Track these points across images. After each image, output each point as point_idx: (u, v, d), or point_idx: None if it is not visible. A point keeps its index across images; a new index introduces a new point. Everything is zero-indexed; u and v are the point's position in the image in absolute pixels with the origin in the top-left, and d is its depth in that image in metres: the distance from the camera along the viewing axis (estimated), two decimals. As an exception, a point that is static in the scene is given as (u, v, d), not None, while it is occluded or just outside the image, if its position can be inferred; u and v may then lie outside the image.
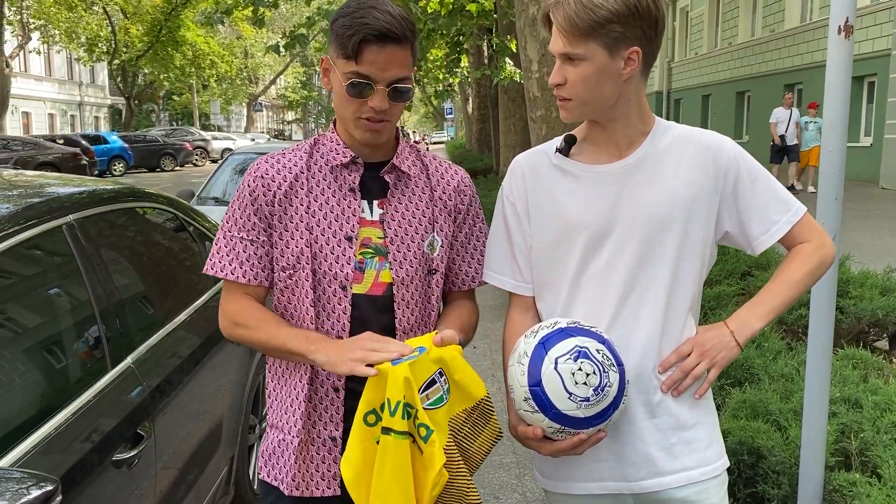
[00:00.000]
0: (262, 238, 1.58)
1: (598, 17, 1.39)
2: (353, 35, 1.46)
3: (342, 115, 1.56)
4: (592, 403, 1.36)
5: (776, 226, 1.52)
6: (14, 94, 31.82)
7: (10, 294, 1.89)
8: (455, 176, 1.70)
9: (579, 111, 1.49)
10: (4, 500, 1.34)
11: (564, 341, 1.39)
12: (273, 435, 1.65)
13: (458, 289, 1.72)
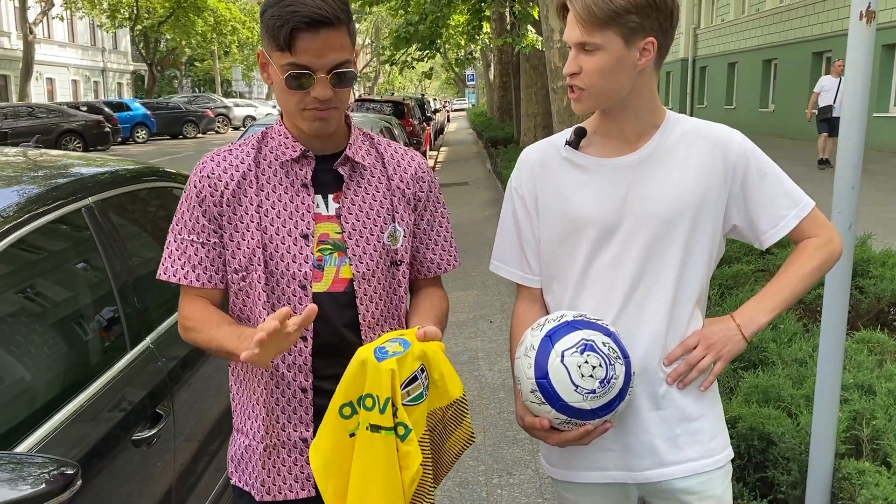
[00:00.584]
0: (213, 240, 1.53)
1: (616, 7, 1.38)
2: (283, 25, 1.39)
3: (286, 109, 1.50)
4: (598, 395, 1.38)
5: (784, 220, 1.52)
6: (38, 61, 31.99)
7: (32, 278, 1.93)
8: (412, 162, 1.65)
9: (593, 102, 1.48)
10: (27, 485, 1.39)
11: (571, 334, 1.41)
12: (239, 440, 1.62)
13: (424, 276, 1.69)
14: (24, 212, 1.94)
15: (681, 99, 30.06)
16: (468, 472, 3.45)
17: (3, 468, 1.40)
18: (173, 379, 2.29)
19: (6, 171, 2.32)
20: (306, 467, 1.56)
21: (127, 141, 26.51)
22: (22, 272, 1.89)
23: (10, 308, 1.79)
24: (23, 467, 1.42)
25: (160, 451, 2.12)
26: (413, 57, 15.40)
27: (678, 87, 30.30)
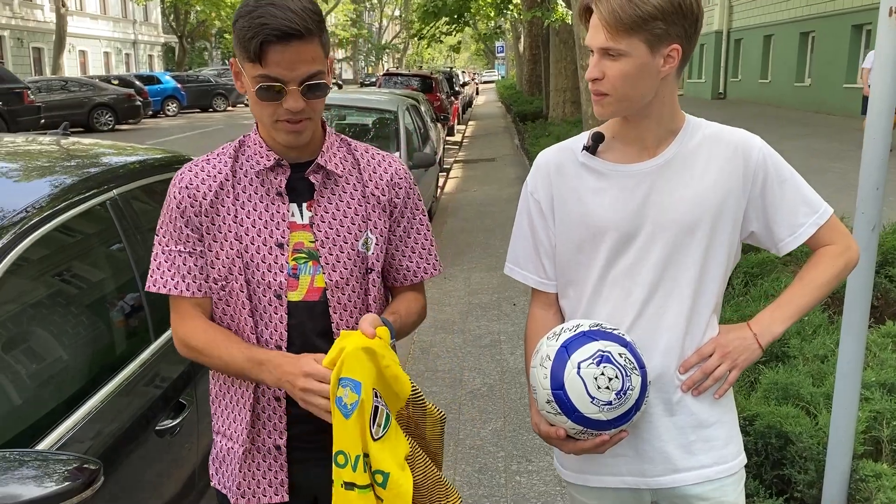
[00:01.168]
0: (199, 249, 1.54)
1: (642, 13, 1.36)
2: (254, 38, 1.37)
3: (260, 119, 1.49)
4: (615, 407, 1.39)
5: (802, 228, 1.51)
6: (70, 33, 32.29)
7: (57, 272, 1.98)
8: (389, 168, 1.63)
9: (615, 107, 1.47)
10: (52, 482, 1.43)
11: (587, 345, 1.41)
12: (221, 442, 1.65)
13: (402, 284, 1.68)
14: (48, 207, 1.98)
15: (714, 72, 29.51)
16: (487, 457, 3.49)
17: (30, 465, 1.45)
18: (196, 369, 2.34)
19: (36, 162, 2.36)
20: (280, 473, 1.59)
21: (158, 114, 26.73)
22: (47, 267, 1.94)
23: (39, 301, 1.84)
24: (48, 464, 1.47)
25: (183, 440, 2.17)
26: (441, 31, 15.28)
27: (711, 60, 29.72)
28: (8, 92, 17.36)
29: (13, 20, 32.49)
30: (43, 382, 1.77)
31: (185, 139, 18.89)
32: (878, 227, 2.03)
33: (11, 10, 32.45)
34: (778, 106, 22.93)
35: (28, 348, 1.78)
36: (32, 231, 1.86)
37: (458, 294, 6.02)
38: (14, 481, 1.41)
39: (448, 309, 5.64)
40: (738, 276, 3.98)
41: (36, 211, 1.93)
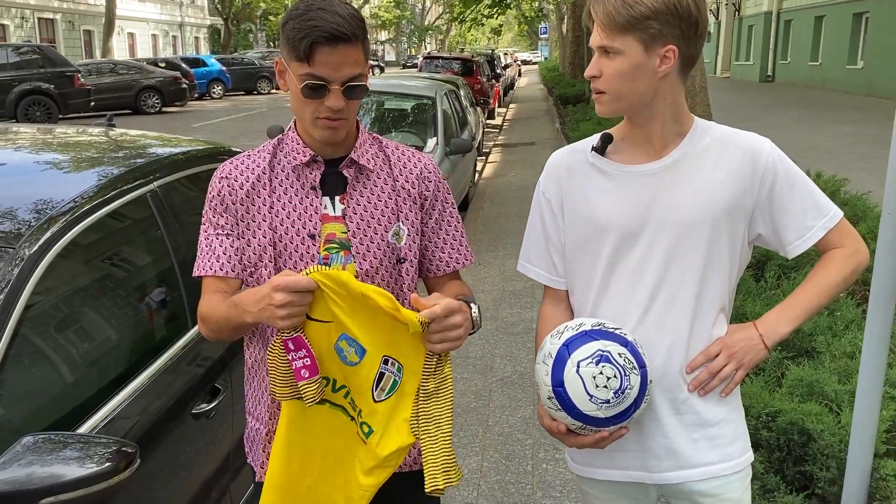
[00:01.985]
0: (236, 231, 1.62)
1: (635, 13, 1.40)
2: (304, 38, 1.47)
3: (300, 116, 1.58)
4: (613, 405, 1.43)
5: (811, 231, 1.52)
6: (119, 16, 32.86)
7: (101, 262, 2.08)
8: (418, 163, 1.71)
9: (614, 105, 1.50)
10: (93, 463, 1.53)
11: (587, 345, 1.45)
12: (251, 423, 1.76)
13: (436, 275, 1.74)
14: (96, 197, 2.08)
15: (762, 55, 28.85)
16: (515, 445, 3.55)
17: (73, 447, 1.55)
18: (232, 354, 2.43)
19: (83, 153, 2.47)
20: None
21: (203, 97, 27.15)
22: (93, 254, 2.04)
23: (84, 287, 1.95)
24: (90, 447, 1.57)
25: (218, 424, 2.27)
26: (483, 14, 15.21)
27: (760, 42, 29.05)
28: (60, 75, 17.81)
29: (65, 3, 33.23)
30: (89, 363, 1.87)
31: (230, 122, 19.18)
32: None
33: (63, -6, 33.19)
34: (828, 89, 22.36)
35: (73, 331, 1.88)
36: (81, 220, 1.97)
37: (492, 280, 6.06)
38: (58, 462, 1.51)
39: (481, 296, 5.70)
40: (771, 270, 3.95)
41: (84, 200, 2.03)
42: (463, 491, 3.18)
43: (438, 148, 7.06)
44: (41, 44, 22.67)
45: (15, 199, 1.99)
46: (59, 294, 1.86)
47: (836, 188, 5.75)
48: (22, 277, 1.73)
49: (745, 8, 31.62)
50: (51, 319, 1.81)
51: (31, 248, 1.79)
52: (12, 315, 1.68)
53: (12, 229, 1.83)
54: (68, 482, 1.49)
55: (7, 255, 1.75)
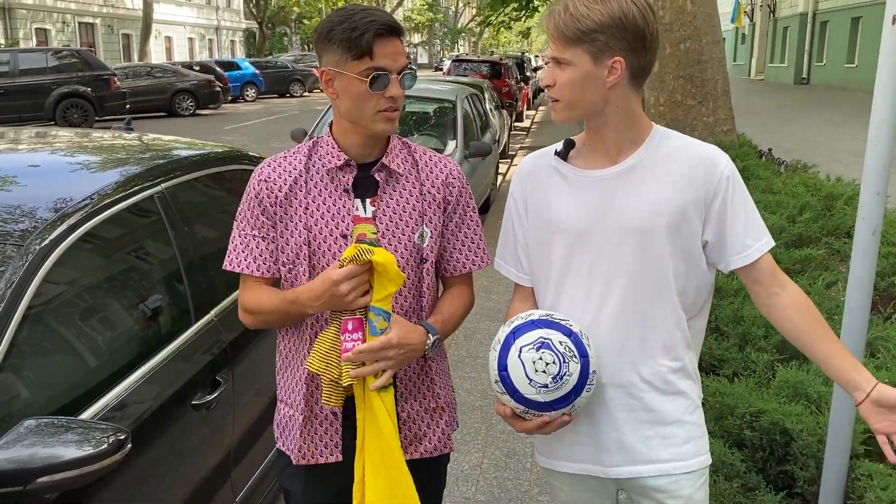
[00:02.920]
0: (271, 234, 1.74)
1: (583, 27, 1.49)
2: (365, 33, 1.58)
3: (359, 115, 1.66)
4: (551, 390, 1.50)
5: (749, 250, 1.59)
6: (157, 20, 33.58)
7: (113, 256, 2.21)
8: (444, 169, 1.81)
9: (567, 113, 1.58)
10: (90, 446, 1.66)
11: (531, 332, 1.53)
12: (284, 410, 1.85)
13: (451, 274, 1.84)
14: (113, 194, 2.21)
15: (797, 56, 28.47)
16: (517, 443, 3.62)
17: (74, 431, 1.68)
18: (234, 350, 2.55)
19: (96, 156, 2.61)
20: (335, 436, 1.78)
21: (237, 100, 27.57)
22: (98, 256, 2.17)
23: (90, 284, 2.07)
24: (89, 432, 1.69)
25: (218, 416, 2.39)
26: (510, 17, 15.28)
27: (795, 43, 28.66)
28: (96, 78, 18.24)
29: (104, 8, 34.01)
30: (93, 353, 2.00)
31: (261, 124, 19.47)
32: (877, 231, 2.06)
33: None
34: (865, 92, 21.98)
35: (79, 322, 2.01)
36: (91, 217, 2.09)
37: (507, 283, 6.13)
38: (59, 444, 1.63)
39: (495, 297, 5.77)
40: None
41: (96, 199, 2.16)
42: (462, 486, 3.26)
43: (458, 151, 7.15)
44: (80, 48, 23.22)
45: (29, 198, 2.13)
46: (65, 286, 1.98)
47: (855, 192, 5.72)
48: (31, 270, 1.86)
49: (781, 9, 31.24)
50: (57, 310, 1.94)
51: (41, 242, 1.92)
52: (20, 305, 1.80)
53: (29, 226, 1.97)
54: (66, 462, 1.61)
55: (19, 249, 1.88)
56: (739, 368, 2.91)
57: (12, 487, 1.58)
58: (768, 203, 5.31)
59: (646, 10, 1.53)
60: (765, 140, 9.86)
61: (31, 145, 2.82)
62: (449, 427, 1.88)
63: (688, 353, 1.68)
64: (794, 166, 7.30)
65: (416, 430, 1.82)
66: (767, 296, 1.62)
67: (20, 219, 2.03)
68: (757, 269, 1.61)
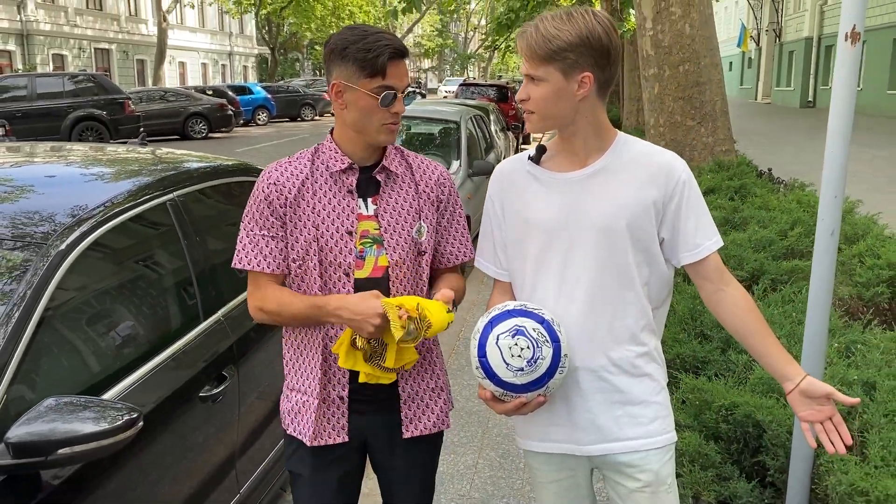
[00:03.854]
0: (280, 233, 1.89)
1: (553, 46, 1.65)
2: (380, 56, 1.77)
3: (365, 126, 1.84)
4: (526, 373, 1.65)
5: (699, 248, 1.76)
6: (171, 46, 34.20)
7: (127, 257, 2.38)
8: (435, 171, 2.00)
9: (542, 123, 1.75)
10: (106, 422, 1.82)
11: (507, 321, 1.68)
12: (295, 397, 1.99)
13: (444, 266, 2.02)
14: (126, 202, 2.39)
15: (803, 80, 28.67)
16: (511, 445, 3.76)
17: (91, 409, 1.84)
18: (239, 347, 2.71)
19: (110, 168, 2.80)
20: (342, 419, 1.95)
21: (249, 123, 27.97)
22: (116, 257, 2.34)
23: (108, 284, 2.25)
24: (105, 410, 1.85)
25: (224, 409, 2.55)
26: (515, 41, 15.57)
27: (801, 67, 28.88)
28: (111, 102, 18.64)
29: (120, 34, 34.69)
30: (107, 348, 2.17)
31: (272, 147, 19.78)
32: (836, 232, 2.21)
33: (119, 26, 34.67)
34: (870, 115, 22.14)
35: (95, 320, 2.18)
36: (106, 222, 2.27)
37: (509, 297, 6.30)
38: (77, 420, 1.80)
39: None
40: (764, 281, 4.11)
41: (111, 206, 2.34)
42: (457, 483, 3.40)
43: (461, 169, 7.35)
44: (95, 72, 23.69)
45: (48, 205, 2.31)
46: (82, 285, 2.15)
47: (848, 209, 5.85)
48: (50, 270, 2.03)
49: (786, 34, 31.52)
50: (75, 306, 2.11)
51: (59, 245, 2.10)
52: (40, 302, 1.97)
53: (48, 230, 2.15)
54: (84, 436, 1.77)
55: (39, 251, 2.06)
56: (721, 370, 3.05)
57: (36, 458, 1.74)
58: (762, 218, 5.45)
59: (609, 28, 1.70)
60: (768, 161, 10.00)
61: (49, 158, 3.01)
62: (447, 405, 2.05)
63: (652, 340, 1.83)
64: (792, 185, 7.44)
65: (416, 409, 1.99)
66: (714, 291, 1.79)
67: (40, 223, 2.21)
68: (705, 266, 1.77)
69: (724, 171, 7.21)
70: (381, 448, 2.02)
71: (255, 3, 35.61)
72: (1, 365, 1.83)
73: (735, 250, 4.47)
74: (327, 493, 1.99)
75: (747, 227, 5.18)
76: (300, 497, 2.03)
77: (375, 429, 1.98)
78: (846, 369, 2.68)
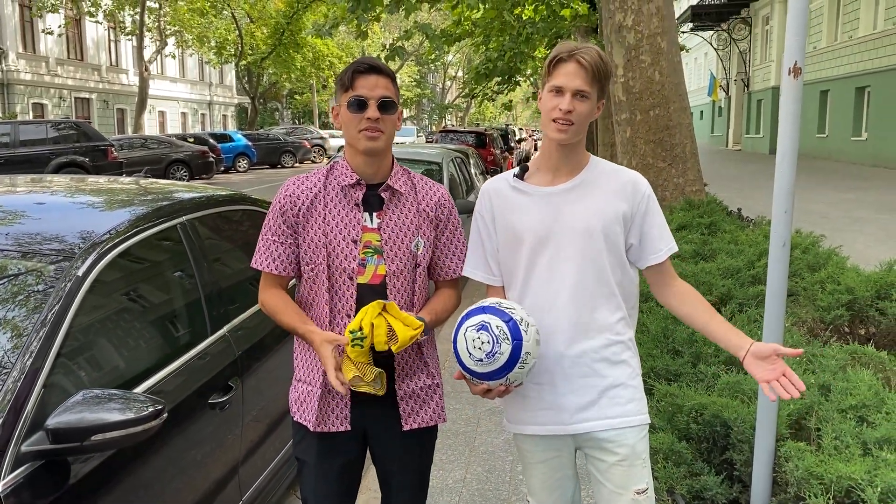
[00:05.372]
0: (289, 240, 2.14)
1: (605, 71, 1.95)
2: (347, 71, 2.07)
3: (350, 135, 2.08)
4: (485, 364, 1.87)
5: (660, 252, 2.04)
6: (152, 95, 34.58)
7: (138, 275, 2.58)
8: (437, 193, 2.22)
9: (573, 136, 1.98)
10: (132, 412, 2.00)
11: (476, 316, 1.91)
12: (301, 387, 2.21)
13: (442, 279, 2.26)
14: (132, 227, 2.59)
15: (772, 127, 29.55)
16: (497, 461, 3.93)
17: (117, 401, 2.02)
18: (243, 360, 2.90)
19: (120, 196, 3.01)
20: (344, 409, 2.16)
21: (229, 170, 28.18)
22: (129, 273, 2.54)
23: (120, 300, 2.44)
24: (130, 402, 2.04)
25: (230, 416, 2.72)
26: (493, 90, 16.05)
27: (769, 115, 29.81)
28: (94, 149, 18.81)
29: (101, 84, 35.01)
30: (125, 359, 2.35)
31: (252, 193, 19.97)
32: (787, 243, 2.47)
33: (100, 75, 35.01)
34: (835, 160, 22.89)
35: (115, 332, 2.37)
36: (117, 246, 2.46)
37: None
38: (104, 410, 1.98)
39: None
40: (732, 305, 4.37)
41: (126, 228, 2.54)
42: (446, 497, 3.56)
43: (443, 209, 7.60)
44: (78, 120, 23.89)
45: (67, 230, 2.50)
46: (102, 303, 2.34)
47: (812, 242, 6.16)
48: (73, 291, 2.21)
49: (754, 83, 32.58)
50: (96, 321, 2.30)
51: (81, 267, 2.29)
52: (66, 318, 2.15)
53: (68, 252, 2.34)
54: (111, 423, 1.95)
55: (62, 273, 2.24)
56: (691, 380, 3.27)
57: (71, 443, 1.92)
58: (731, 251, 5.74)
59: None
60: (738, 203, 10.38)
61: (58, 188, 3.21)
62: (442, 400, 2.26)
63: (628, 332, 2.09)
64: (759, 222, 7.78)
65: (414, 405, 2.19)
66: (668, 286, 2.08)
67: (60, 246, 2.40)
68: (664, 266, 2.06)
69: (695, 210, 7.53)
70: (380, 438, 2.22)
71: (236, 54, 36.21)
72: (37, 367, 2.01)
73: (704, 277, 4.73)
74: (331, 479, 2.19)
75: (716, 258, 5.47)
76: (306, 482, 2.23)
77: (375, 420, 2.18)
78: (804, 374, 2.92)
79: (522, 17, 12.89)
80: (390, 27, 48.22)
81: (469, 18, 13.39)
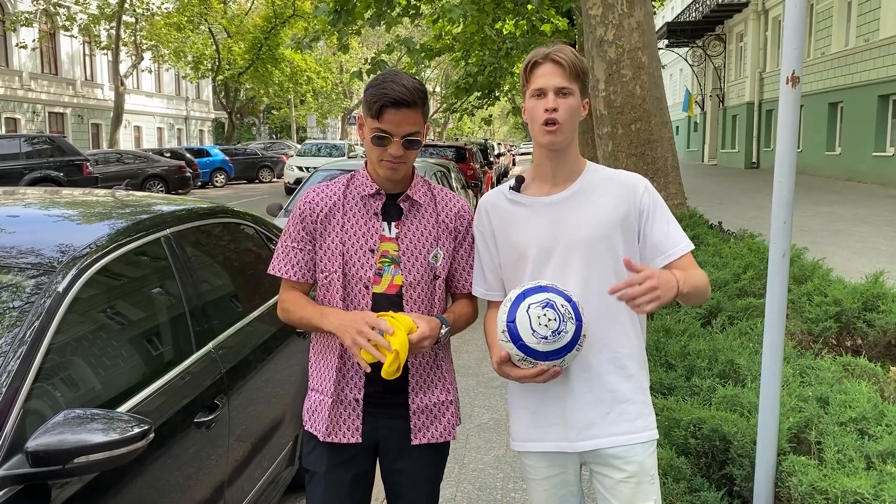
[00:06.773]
0: (308, 247, 2.11)
1: (583, 66, 1.91)
2: (377, 102, 1.96)
3: (370, 158, 2.06)
4: (550, 342, 1.80)
5: (673, 250, 1.96)
6: (127, 110, 34.27)
7: (121, 291, 2.49)
8: (457, 204, 2.17)
9: (563, 136, 1.92)
10: (116, 433, 1.90)
11: (539, 293, 1.84)
12: (314, 396, 2.17)
13: (460, 291, 2.20)
14: (113, 240, 2.50)
15: (747, 142, 29.93)
16: (487, 478, 3.86)
17: (99, 421, 1.93)
18: (230, 378, 2.81)
19: (98, 208, 2.91)
20: (357, 420, 2.11)
21: (206, 185, 27.97)
22: (111, 289, 2.45)
23: (103, 317, 2.35)
24: (114, 422, 1.94)
25: (217, 434, 2.63)
26: (473, 105, 16.07)
27: (744, 130, 30.19)
28: (69, 164, 18.55)
29: (75, 98, 34.63)
30: (107, 375, 2.26)
31: (231, 208, 19.77)
32: (787, 254, 2.43)
33: (74, 90, 34.63)
34: (810, 174, 23.19)
35: (98, 349, 2.27)
36: (98, 260, 2.37)
37: (475, 343, 6.45)
38: (85, 431, 1.88)
39: (465, 355, 6.06)
40: (722, 317, 4.35)
41: (106, 242, 2.45)
42: (437, 515, 3.47)
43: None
44: (53, 134, 23.57)
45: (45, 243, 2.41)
46: (83, 320, 2.25)
47: (797, 254, 6.19)
48: (53, 307, 2.12)
49: (729, 99, 33.00)
50: (80, 335, 2.20)
51: (61, 282, 2.19)
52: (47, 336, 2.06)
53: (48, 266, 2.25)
54: (94, 445, 1.86)
55: (41, 288, 2.15)
56: (686, 394, 3.23)
57: (52, 467, 1.82)
58: (716, 263, 5.74)
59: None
60: (717, 216, 10.45)
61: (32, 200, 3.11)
62: (454, 418, 2.20)
63: (638, 344, 2.02)
64: (742, 235, 7.81)
65: (425, 419, 2.14)
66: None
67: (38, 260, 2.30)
68: (678, 266, 1.96)
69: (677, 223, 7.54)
70: (390, 452, 2.16)
71: (213, 69, 36.01)
72: (16, 387, 1.91)
73: (693, 290, 4.71)
74: (341, 491, 2.13)
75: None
76: (314, 494, 2.16)
77: (386, 432, 2.13)
78: (800, 388, 2.88)
79: (503, 32, 12.93)
80: (368, 42, 48.28)
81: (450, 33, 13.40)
